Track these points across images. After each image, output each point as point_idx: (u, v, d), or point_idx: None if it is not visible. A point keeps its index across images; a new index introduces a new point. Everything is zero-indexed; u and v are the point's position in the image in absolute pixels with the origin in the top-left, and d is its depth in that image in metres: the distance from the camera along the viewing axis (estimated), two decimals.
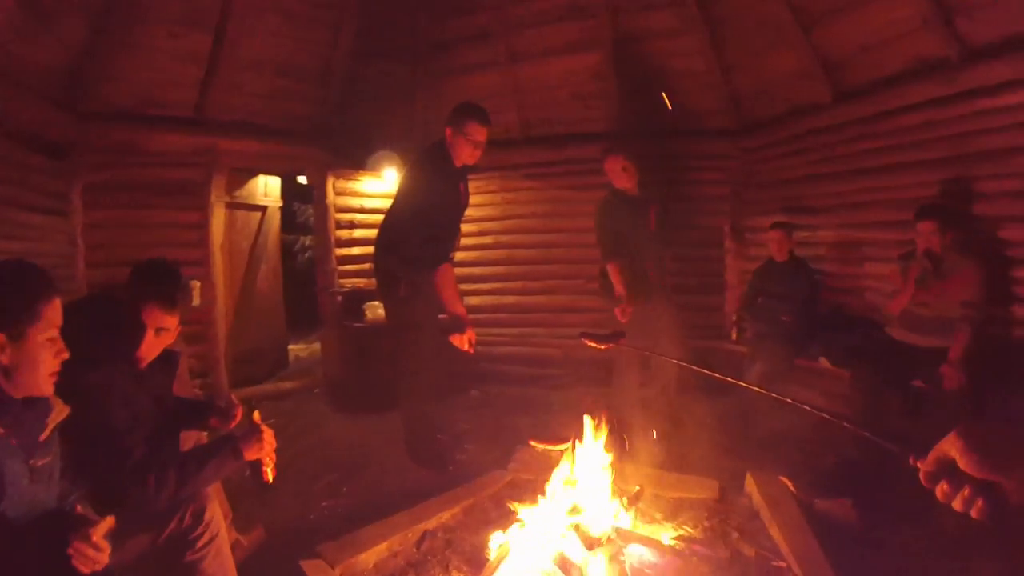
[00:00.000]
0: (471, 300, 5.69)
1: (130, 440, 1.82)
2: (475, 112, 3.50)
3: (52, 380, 1.56)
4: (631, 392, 4.16)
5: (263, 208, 6.41)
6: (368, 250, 5.66)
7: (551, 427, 3.16)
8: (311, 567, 2.37)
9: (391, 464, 3.79)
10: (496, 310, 6.30)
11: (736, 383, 1.85)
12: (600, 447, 2.63)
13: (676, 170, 5.86)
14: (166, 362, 2.15)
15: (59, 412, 1.60)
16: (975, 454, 0.77)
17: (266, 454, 2.01)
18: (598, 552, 2.28)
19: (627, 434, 3.83)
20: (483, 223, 6.26)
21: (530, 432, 3.84)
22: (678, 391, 4.23)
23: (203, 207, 5.20)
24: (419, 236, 3.43)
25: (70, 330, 1.58)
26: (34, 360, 1.50)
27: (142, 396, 1.97)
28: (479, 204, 4.07)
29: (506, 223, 6.36)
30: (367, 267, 5.81)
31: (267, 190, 6.46)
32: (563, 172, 6.14)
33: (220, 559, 1.94)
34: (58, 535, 1.44)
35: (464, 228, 3.95)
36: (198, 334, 5.10)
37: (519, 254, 6.35)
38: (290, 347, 7.31)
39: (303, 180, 6.69)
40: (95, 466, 1.77)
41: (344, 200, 6.11)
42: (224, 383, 5.25)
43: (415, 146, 5.52)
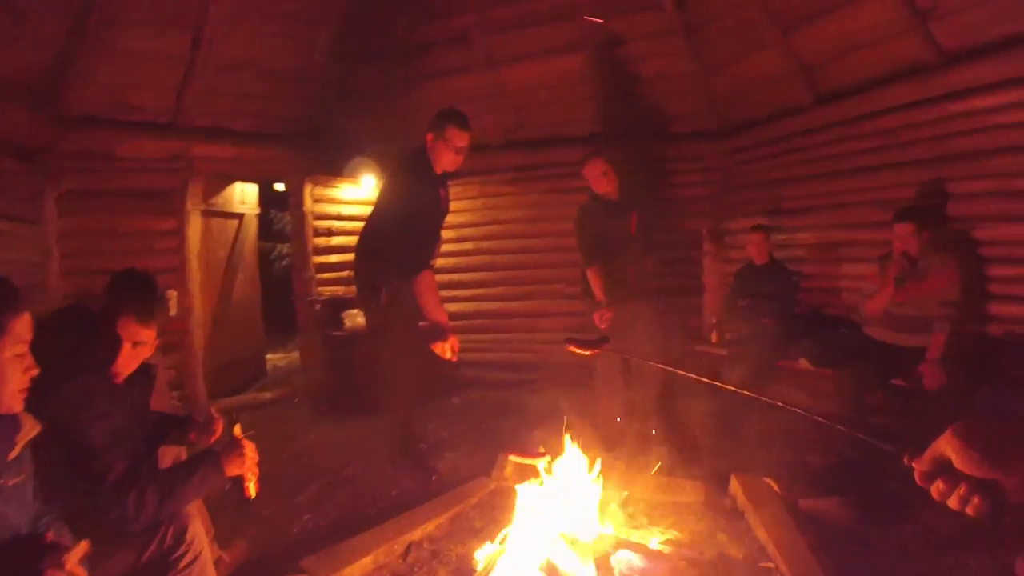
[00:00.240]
0: (451, 306, 5.65)
1: (107, 459, 1.76)
2: (456, 118, 3.47)
3: (21, 397, 1.50)
4: (616, 396, 4.15)
5: (240, 216, 6.32)
6: (346, 257, 5.62)
7: (533, 433, 3.15)
8: None
9: (373, 473, 3.75)
10: (477, 316, 6.27)
11: (721, 386, 1.85)
12: (583, 456, 2.62)
13: (656, 173, 5.89)
14: (143, 375, 2.08)
15: (29, 430, 1.54)
16: (972, 453, 0.78)
17: (248, 469, 1.96)
18: (587, 559, 2.26)
19: (608, 437, 3.85)
20: (463, 229, 6.23)
21: (512, 438, 3.83)
22: (661, 394, 4.23)
23: (179, 214, 5.10)
24: (400, 243, 3.39)
25: (42, 344, 1.52)
26: (2, 376, 1.45)
27: (119, 412, 1.91)
28: (459, 209, 4.05)
29: (486, 228, 6.34)
30: (345, 275, 5.77)
31: (244, 197, 6.38)
32: (543, 176, 6.13)
33: None
34: (31, 564, 1.38)
35: (444, 234, 3.92)
36: (175, 344, 4.99)
37: (499, 259, 6.33)
38: (268, 356, 7.23)
39: (280, 187, 6.61)
40: (71, 486, 1.71)
41: (322, 207, 6.03)
42: (202, 394, 5.15)
43: (394, 151, 5.47)
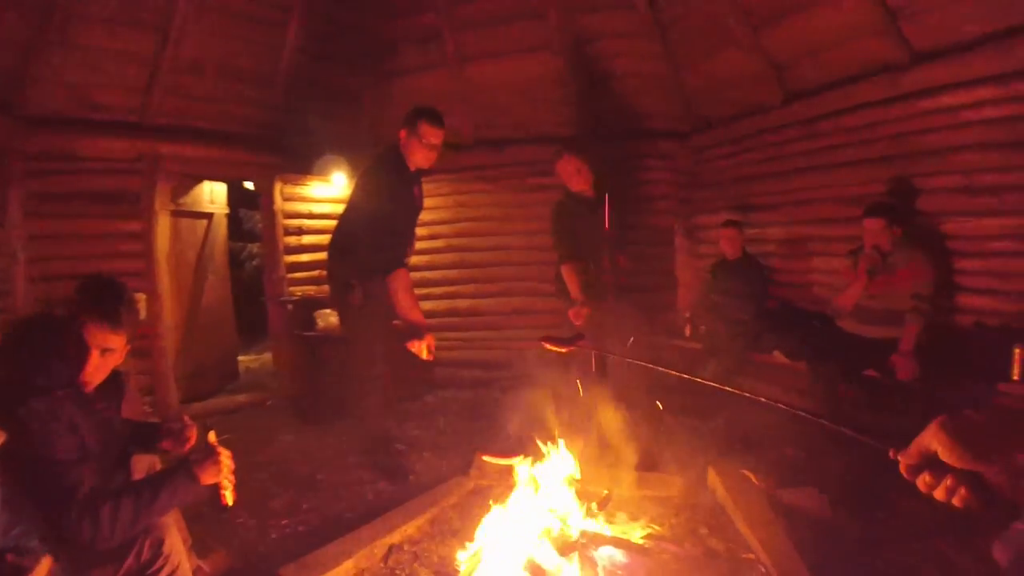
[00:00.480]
0: (424, 305, 5.58)
1: (78, 471, 1.70)
2: (429, 114, 3.45)
3: None
4: (592, 392, 4.16)
5: (209, 215, 6.17)
6: (318, 257, 5.55)
7: (508, 432, 3.13)
8: None
9: (350, 476, 3.71)
10: (449, 314, 6.24)
11: (696, 380, 1.86)
12: (562, 453, 2.62)
13: (627, 170, 5.91)
14: (113, 383, 2.01)
15: None
16: (958, 446, 0.79)
17: (224, 477, 1.90)
18: (570, 557, 2.26)
19: (587, 433, 3.86)
20: (434, 226, 6.18)
21: (488, 437, 3.82)
22: (637, 390, 4.25)
23: (147, 216, 4.95)
24: (374, 241, 3.36)
25: (7, 354, 1.47)
26: None
27: (89, 423, 1.84)
28: (430, 207, 4.02)
29: (457, 226, 6.31)
30: (317, 274, 5.70)
31: (213, 197, 6.24)
32: (514, 174, 6.11)
33: None
34: None
35: (415, 232, 3.89)
36: (144, 349, 4.86)
37: (471, 257, 6.30)
38: (240, 358, 7.07)
39: (250, 186, 6.49)
40: (42, 500, 1.65)
41: (292, 206, 5.94)
42: (173, 399, 5.04)
43: (364, 149, 5.41)
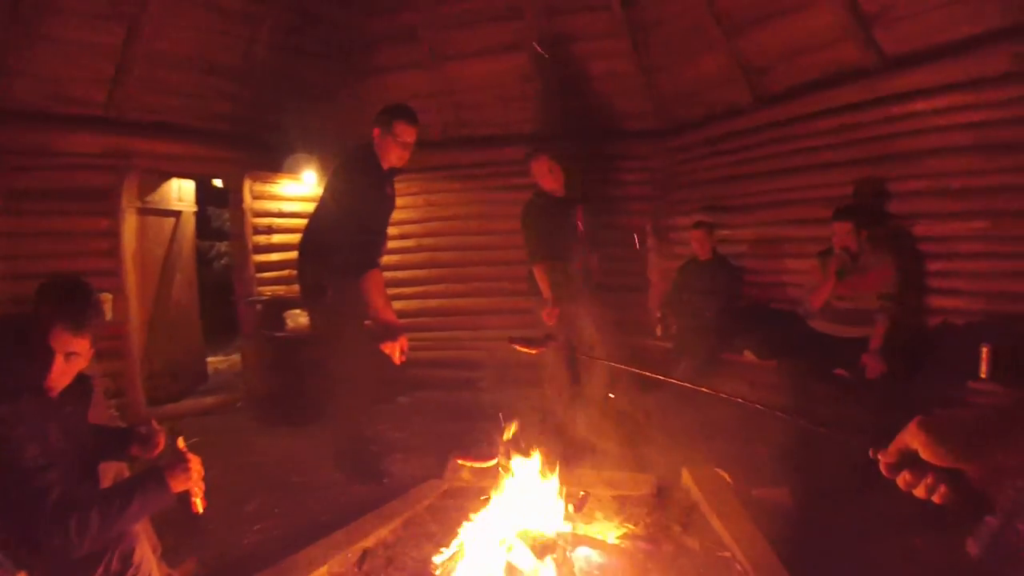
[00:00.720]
0: (394, 305, 5.58)
1: (44, 480, 1.63)
2: (404, 112, 3.42)
3: None
4: (564, 393, 4.17)
5: (177, 213, 6.05)
6: (288, 256, 5.46)
7: (482, 432, 3.11)
8: None
9: (323, 479, 3.65)
10: (420, 314, 6.20)
11: (667, 379, 1.87)
12: (535, 454, 2.61)
13: (601, 171, 5.94)
14: (79, 387, 1.94)
15: None
16: (939, 445, 0.79)
17: (194, 483, 1.84)
18: (546, 558, 2.25)
19: (560, 434, 3.85)
20: (405, 226, 6.13)
21: (462, 438, 3.79)
22: (610, 389, 4.26)
23: (114, 213, 4.81)
24: (346, 241, 3.31)
25: None
26: None
27: (55, 429, 1.77)
28: (401, 206, 3.97)
29: (428, 225, 6.28)
30: (287, 274, 5.60)
31: (181, 194, 6.11)
32: (486, 174, 6.10)
33: None
34: None
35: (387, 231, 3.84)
36: (111, 351, 4.71)
37: (442, 257, 6.28)
38: (208, 360, 6.95)
39: (219, 183, 6.36)
40: (7, 511, 1.59)
41: (262, 204, 5.82)
42: (141, 402, 4.91)
43: (336, 147, 5.34)
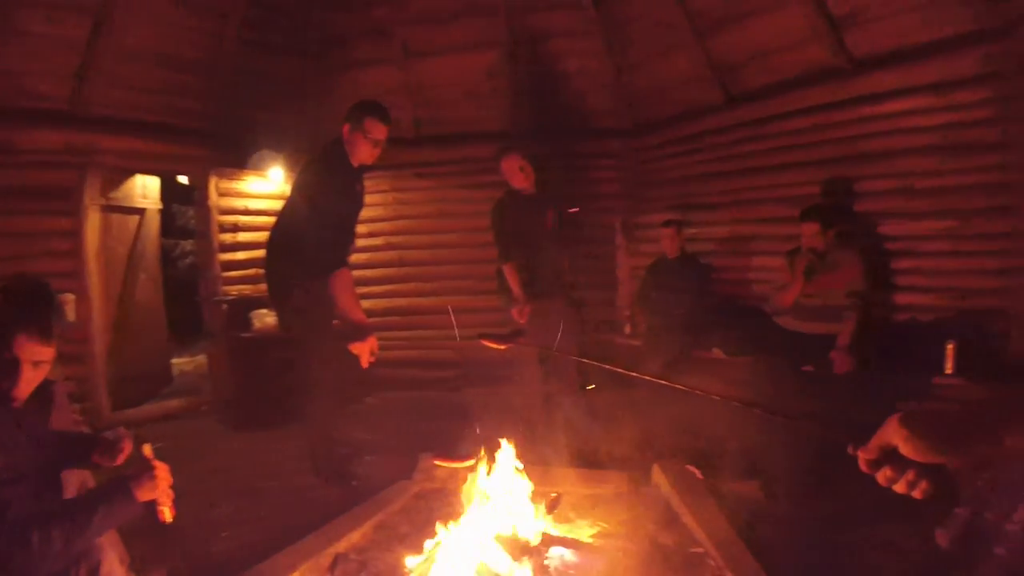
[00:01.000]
0: (362, 303, 5.54)
1: (7, 492, 1.55)
2: (375, 109, 3.36)
3: None
4: (533, 390, 4.17)
5: (141, 211, 5.88)
6: (254, 254, 5.35)
7: (454, 433, 3.08)
8: None
9: (292, 483, 3.59)
10: (388, 313, 6.14)
11: (639, 376, 1.87)
12: (508, 454, 2.60)
13: (571, 169, 5.93)
14: (41, 394, 1.84)
15: None
16: (920, 441, 0.81)
17: (162, 492, 1.77)
18: (521, 559, 2.24)
19: (532, 432, 3.85)
20: (373, 224, 6.06)
21: (433, 439, 3.76)
22: (580, 387, 4.28)
23: (77, 212, 4.65)
24: (315, 240, 3.25)
25: None
26: None
27: (19, 438, 1.68)
28: (369, 204, 3.92)
29: (397, 223, 6.23)
30: (253, 273, 5.46)
31: (145, 191, 5.95)
32: (456, 172, 6.08)
33: None
34: None
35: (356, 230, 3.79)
36: (74, 354, 4.55)
37: (410, 255, 6.24)
38: (174, 362, 6.81)
39: (184, 180, 6.21)
40: None
41: (228, 201, 5.65)
42: (106, 407, 4.76)
43: (305, 144, 5.26)
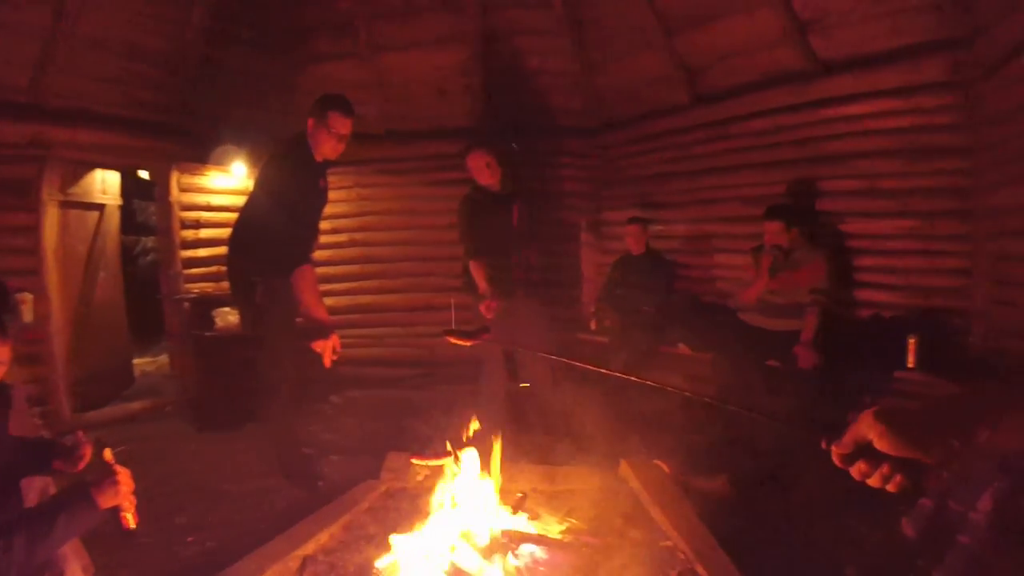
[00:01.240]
0: (325, 301, 5.49)
1: None
2: (339, 103, 3.31)
3: None
4: (499, 388, 4.18)
5: (101, 207, 5.71)
6: (217, 251, 5.25)
7: (423, 432, 3.09)
8: None
9: (258, 485, 3.53)
10: (351, 311, 6.09)
11: (606, 373, 1.89)
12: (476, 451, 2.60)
13: (537, 166, 5.95)
14: None
15: None
16: (896, 436, 0.83)
17: (124, 498, 1.73)
18: (490, 557, 2.25)
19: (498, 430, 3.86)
20: (337, 220, 6.00)
21: (400, 437, 3.75)
22: (546, 383, 4.29)
23: (34, 207, 4.48)
24: (278, 236, 3.21)
25: None
26: None
27: None
28: (333, 200, 3.86)
29: (361, 220, 6.18)
30: (215, 270, 5.36)
31: (105, 186, 5.77)
32: (421, 168, 6.04)
33: None
34: None
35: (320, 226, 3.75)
36: (32, 355, 4.41)
37: (375, 252, 6.19)
38: (135, 362, 6.63)
39: (145, 175, 6.05)
40: None
41: (190, 197, 5.52)
42: (66, 410, 4.61)
43: (268, 139, 5.17)
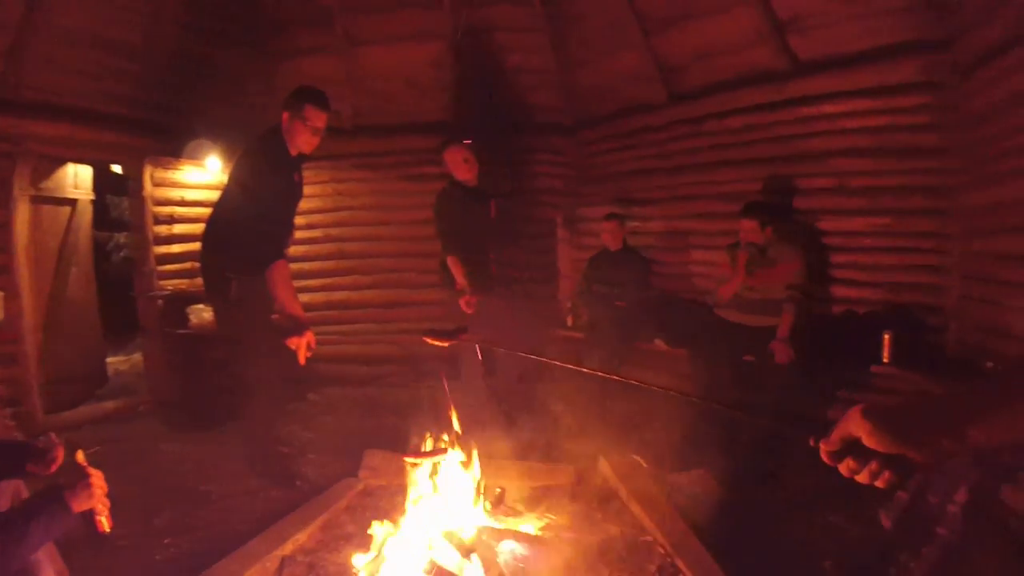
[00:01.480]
0: (300, 297, 5.44)
1: None
2: (314, 96, 3.28)
3: None
4: (478, 384, 4.19)
5: (73, 202, 5.56)
6: (191, 247, 5.18)
7: (399, 429, 3.08)
8: None
9: (235, 485, 3.49)
10: (326, 307, 6.04)
11: (583, 370, 1.91)
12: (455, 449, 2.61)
13: (514, 163, 5.93)
14: None
15: None
16: (885, 433, 0.83)
17: (98, 500, 1.71)
18: (471, 554, 2.27)
19: (477, 427, 3.87)
20: (312, 215, 5.93)
21: (376, 435, 3.75)
22: (525, 380, 4.31)
23: (5, 203, 4.36)
24: (251, 231, 3.17)
25: None
26: None
27: None
28: (308, 195, 3.81)
29: (336, 215, 6.12)
30: (189, 266, 5.27)
31: (77, 181, 5.63)
32: (396, 163, 6.00)
33: None
34: None
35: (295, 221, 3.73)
36: (4, 355, 4.33)
37: (349, 247, 6.13)
38: (108, 361, 6.50)
39: (118, 169, 5.94)
40: None
41: (163, 192, 5.41)
42: (39, 411, 4.51)
43: (243, 133, 5.09)
